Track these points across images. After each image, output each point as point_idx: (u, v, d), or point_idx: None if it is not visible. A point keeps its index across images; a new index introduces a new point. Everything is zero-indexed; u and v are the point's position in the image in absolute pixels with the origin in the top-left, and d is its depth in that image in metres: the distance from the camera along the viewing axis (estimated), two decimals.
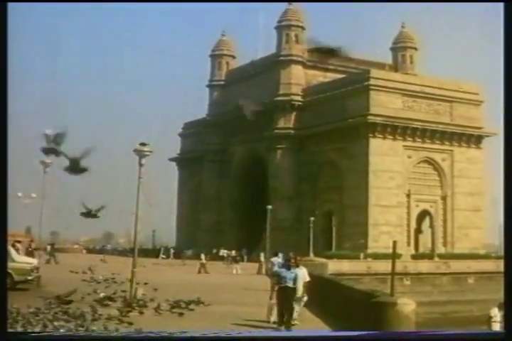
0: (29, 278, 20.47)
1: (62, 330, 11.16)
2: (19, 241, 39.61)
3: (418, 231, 58.07)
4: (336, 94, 58.05)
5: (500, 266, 35.60)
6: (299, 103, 62.48)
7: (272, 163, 63.14)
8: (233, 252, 50.50)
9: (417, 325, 11.17)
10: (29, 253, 38.89)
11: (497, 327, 14.77)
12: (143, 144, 16.92)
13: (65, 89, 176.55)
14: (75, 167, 17.82)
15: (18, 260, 20.62)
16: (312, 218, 52.62)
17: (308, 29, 64.56)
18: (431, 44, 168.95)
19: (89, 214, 24.25)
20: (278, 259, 25.19)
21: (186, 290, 22.13)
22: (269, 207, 51.32)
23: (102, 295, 16.72)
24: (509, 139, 6.92)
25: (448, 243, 57.80)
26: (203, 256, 39.41)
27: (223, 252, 53.65)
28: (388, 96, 55.55)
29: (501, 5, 7.09)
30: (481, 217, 59.74)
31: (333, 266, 37.52)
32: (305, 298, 14.26)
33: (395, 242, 13.98)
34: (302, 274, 13.83)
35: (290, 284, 12.91)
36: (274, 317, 13.63)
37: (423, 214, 57.98)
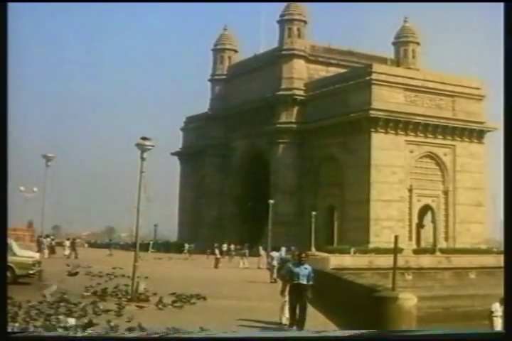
0: (31, 272, 20.44)
1: (62, 324, 11.13)
2: (48, 236, 40.68)
3: (420, 226, 58.01)
4: (338, 89, 57.91)
5: (501, 261, 35.57)
6: (301, 97, 62.29)
7: (273, 157, 63.03)
8: (232, 246, 50.51)
9: (418, 320, 11.15)
10: (51, 248, 39.79)
11: (498, 322, 14.76)
12: (144, 138, 16.86)
13: (65, 86, 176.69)
14: None
15: (20, 254, 20.59)
16: (314, 212, 52.63)
17: (310, 23, 64.53)
18: (433, 39, 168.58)
19: None
20: (278, 253, 25.14)
21: (192, 284, 22.14)
22: (271, 201, 51.37)
23: (70, 321, 11.40)
24: (509, 134, 6.88)
25: (450, 238, 57.78)
26: (217, 251, 39.96)
27: (223, 246, 53.72)
28: (390, 90, 55.41)
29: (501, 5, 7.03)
30: (482, 211, 59.69)
31: (335, 261, 37.57)
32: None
33: (396, 237, 13.91)
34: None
35: (304, 281, 12.25)
36: (286, 318, 12.88)
37: (425, 209, 57.93)
